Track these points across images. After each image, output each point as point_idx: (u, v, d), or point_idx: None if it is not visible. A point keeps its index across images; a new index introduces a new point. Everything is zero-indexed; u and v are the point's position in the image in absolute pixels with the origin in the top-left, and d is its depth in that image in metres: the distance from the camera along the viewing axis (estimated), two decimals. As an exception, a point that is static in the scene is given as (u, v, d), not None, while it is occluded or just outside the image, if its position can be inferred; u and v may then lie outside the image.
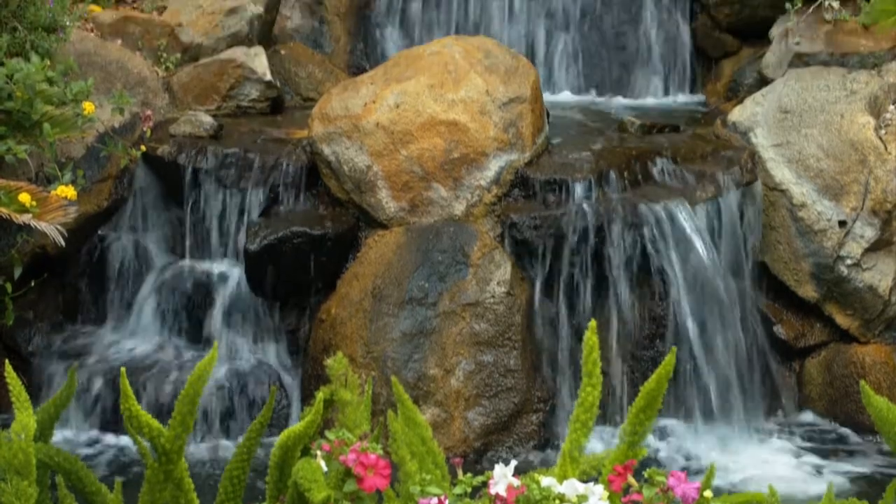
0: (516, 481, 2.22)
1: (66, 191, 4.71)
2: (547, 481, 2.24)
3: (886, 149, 5.24)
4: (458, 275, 5.00)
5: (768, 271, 5.43)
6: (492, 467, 2.25)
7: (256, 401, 5.12)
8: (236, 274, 5.28)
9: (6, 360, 2.95)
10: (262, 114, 5.96)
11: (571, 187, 5.10)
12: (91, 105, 5.06)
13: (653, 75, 6.73)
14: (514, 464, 2.26)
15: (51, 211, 4.52)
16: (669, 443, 5.08)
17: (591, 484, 2.25)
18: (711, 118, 5.99)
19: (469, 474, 2.32)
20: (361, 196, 5.19)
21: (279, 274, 5.14)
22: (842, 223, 5.25)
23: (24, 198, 4.46)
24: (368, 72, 5.60)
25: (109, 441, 5.07)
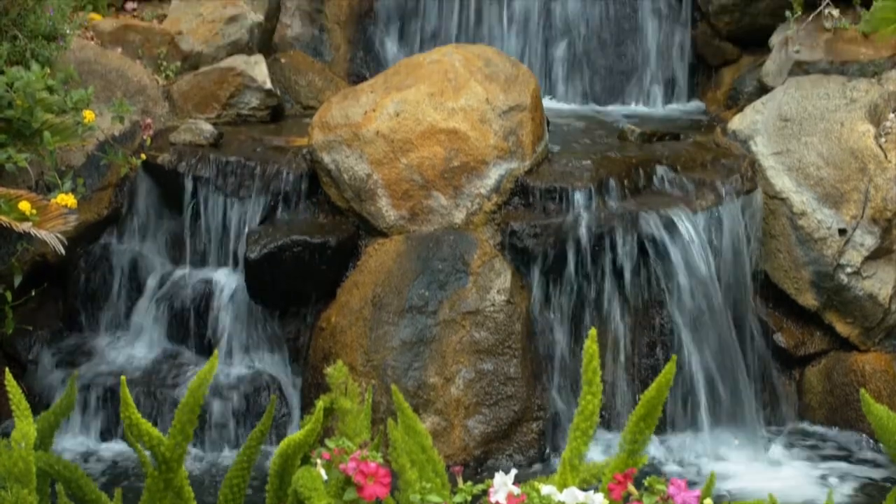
0: (516, 489, 2.22)
1: (67, 199, 4.71)
2: (547, 489, 2.24)
3: (886, 157, 5.24)
4: (458, 283, 4.99)
5: (768, 279, 5.42)
6: (492, 475, 2.25)
7: (256, 409, 5.11)
8: (236, 282, 5.27)
9: (6, 368, 2.94)
10: (262, 122, 5.96)
11: (571, 195, 5.09)
12: (91, 113, 5.06)
13: (653, 83, 6.73)
14: (514, 472, 2.26)
15: (51, 219, 4.52)
16: (669, 451, 5.07)
17: (592, 492, 2.25)
18: (711, 126, 5.99)
19: (469, 482, 2.32)
20: (361, 204, 5.19)
21: (279, 282, 5.14)
22: (842, 231, 5.25)
23: (25, 206, 4.46)
24: (368, 80, 5.60)
25: (109, 449, 5.07)
